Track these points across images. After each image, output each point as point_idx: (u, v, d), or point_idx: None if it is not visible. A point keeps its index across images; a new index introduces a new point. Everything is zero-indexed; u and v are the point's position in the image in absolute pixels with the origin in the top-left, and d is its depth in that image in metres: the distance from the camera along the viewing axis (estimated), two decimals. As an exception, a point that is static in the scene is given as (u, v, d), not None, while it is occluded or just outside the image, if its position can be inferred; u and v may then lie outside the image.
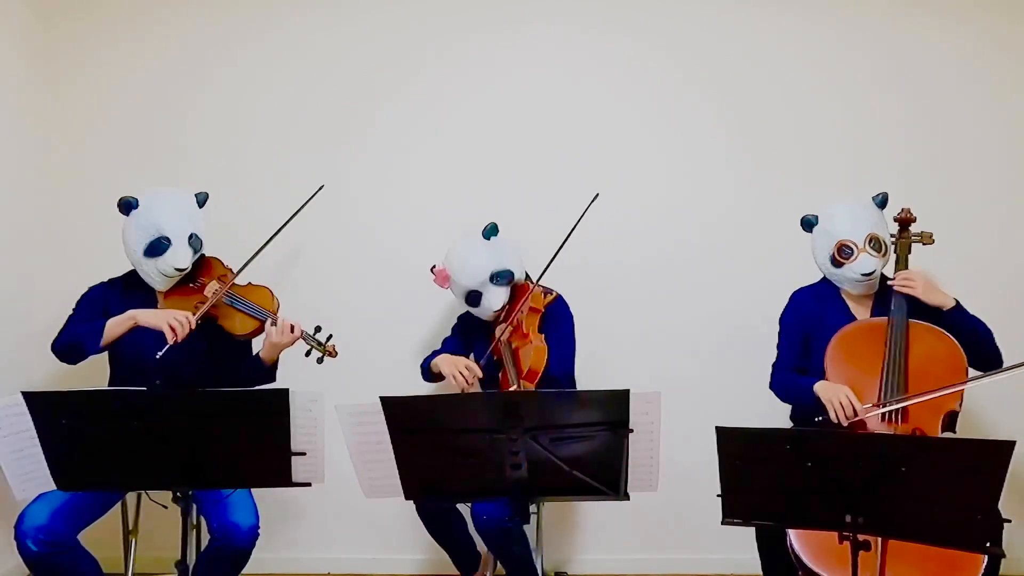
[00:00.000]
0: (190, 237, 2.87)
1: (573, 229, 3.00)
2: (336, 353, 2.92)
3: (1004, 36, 3.54)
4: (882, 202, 2.95)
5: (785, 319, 3.00)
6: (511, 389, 2.83)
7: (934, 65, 3.55)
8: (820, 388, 2.73)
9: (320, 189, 3.11)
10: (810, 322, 2.93)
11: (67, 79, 3.61)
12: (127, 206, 2.88)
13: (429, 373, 3.09)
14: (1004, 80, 3.54)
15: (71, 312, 2.89)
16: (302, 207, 3.05)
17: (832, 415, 2.65)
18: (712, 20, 3.59)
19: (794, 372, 2.90)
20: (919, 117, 3.54)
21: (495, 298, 3.04)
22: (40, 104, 3.55)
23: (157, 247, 2.83)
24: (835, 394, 2.67)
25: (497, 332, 3.00)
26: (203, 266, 2.97)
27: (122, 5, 3.63)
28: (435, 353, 3.16)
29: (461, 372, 2.92)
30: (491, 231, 3.13)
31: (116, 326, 2.76)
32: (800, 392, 2.82)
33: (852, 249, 2.83)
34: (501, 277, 3.05)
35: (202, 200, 2.99)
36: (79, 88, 3.61)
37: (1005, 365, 2.73)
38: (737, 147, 3.58)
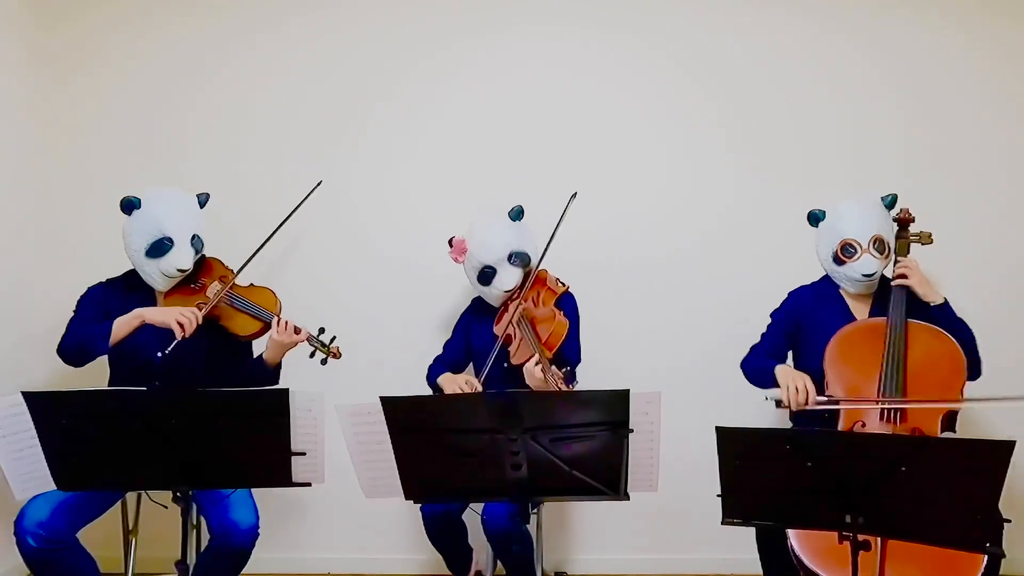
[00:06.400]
0: (192, 238, 2.88)
1: (556, 230, 3.01)
2: (340, 355, 2.92)
3: (1004, 36, 3.54)
4: (891, 203, 2.93)
5: (776, 314, 3.01)
6: (533, 357, 2.78)
7: (934, 65, 3.55)
8: (780, 371, 2.75)
9: (319, 185, 3.10)
10: (806, 320, 2.92)
11: (67, 79, 3.60)
12: (129, 206, 2.88)
13: (437, 390, 3.11)
14: (1004, 80, 3.54)
15: (72, 314, 2.88)
16: (301, 203, 3.04)
17: (785, 400, 2.65)
18: (713, 19, 3.59)
19: (766, 356, 2.91)
20: (919, 117, 3.55)
21: (508, 278, 3.04)
22: (39, 104, 3.55)
23: (159, 247, 2.83)
24: (792, 379, 2.68)
25: (511, 307, 3.00)
26: (203, 267, 2.97)
27: (121, 6, 3.63)
28: (437, 360, 3.19)
29: (461, 388, 2.96)
30: (518, 214, 3.13)
31: (123, 325, 2.75)
32: (763, 374, 2.83)
33: (856, 249, 2.82)
34: (519, 258, 3.05)
35: (203, 201, 2.99)
36: (79, 88, 3.61)
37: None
38: (737, 146, 3.58)
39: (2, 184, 3.36)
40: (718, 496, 2.10)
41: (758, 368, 2.88)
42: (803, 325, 2.93)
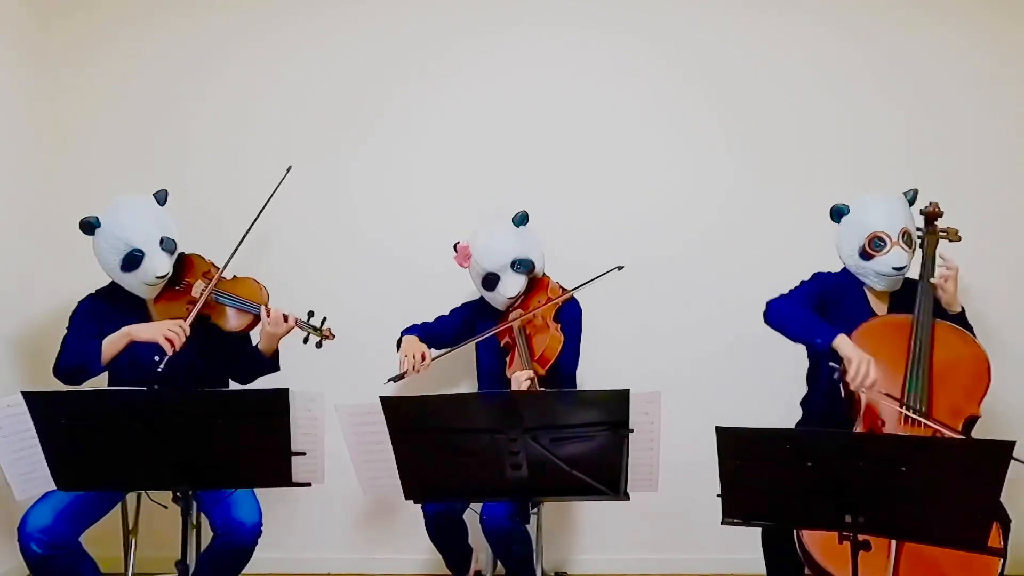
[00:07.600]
0: (161, 242, 2.83)
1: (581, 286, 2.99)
2: (333, 335, 2.92)
3: (1004, 36, 3.54)
4: (912, 198, 2.87)
5: (807, 283, 2.88)
6: (522, 370, 2.82)
7: (934, 65, 3.55)
8: (847, 343, 2.56)
9: (289, 171, 3.05)
10: (830, 302, 2.83)
11: (66, 79, 3.60)
12: (89, 227, 2.84)
13: (399, 343, 3.11)
14: (1004, 80, 3.54)
15: (66, 332, 2.85)
16: (274, 191, 2.99)
17: (851, 374, 2.51)
18: (713, 20, 3.59)
19: (808, 307, 2.75)
20: (919, 117, 3.54)
21: (512, 285, 3.03)
22: (38, 104, 3.54)
23: (132, 261, 2.79)
24: (865, 359, 2.51)
25: (511, 316, 3.01)
26: (186, 265, 2.94)
27: (121, 5, 3.63)
28: (424, 324, 3.19)
29: (413, 356, 2.95)
30: (521, 219, 3.12)
31: (112, 344, 2.74)
32: (812, 328, 2.63)
33: (885, 241, 2.74)
34: (522, 265, 3.04)
35: (162, 198, 2.92)
36: (78, 88, 3.61)
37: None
38: (737, 147, 3.58)
39: (2, 184, 3.36)
40: (718, 496, 2.10)
41: (807, 320, 2.68)
42: (827, 299, 2.82)
